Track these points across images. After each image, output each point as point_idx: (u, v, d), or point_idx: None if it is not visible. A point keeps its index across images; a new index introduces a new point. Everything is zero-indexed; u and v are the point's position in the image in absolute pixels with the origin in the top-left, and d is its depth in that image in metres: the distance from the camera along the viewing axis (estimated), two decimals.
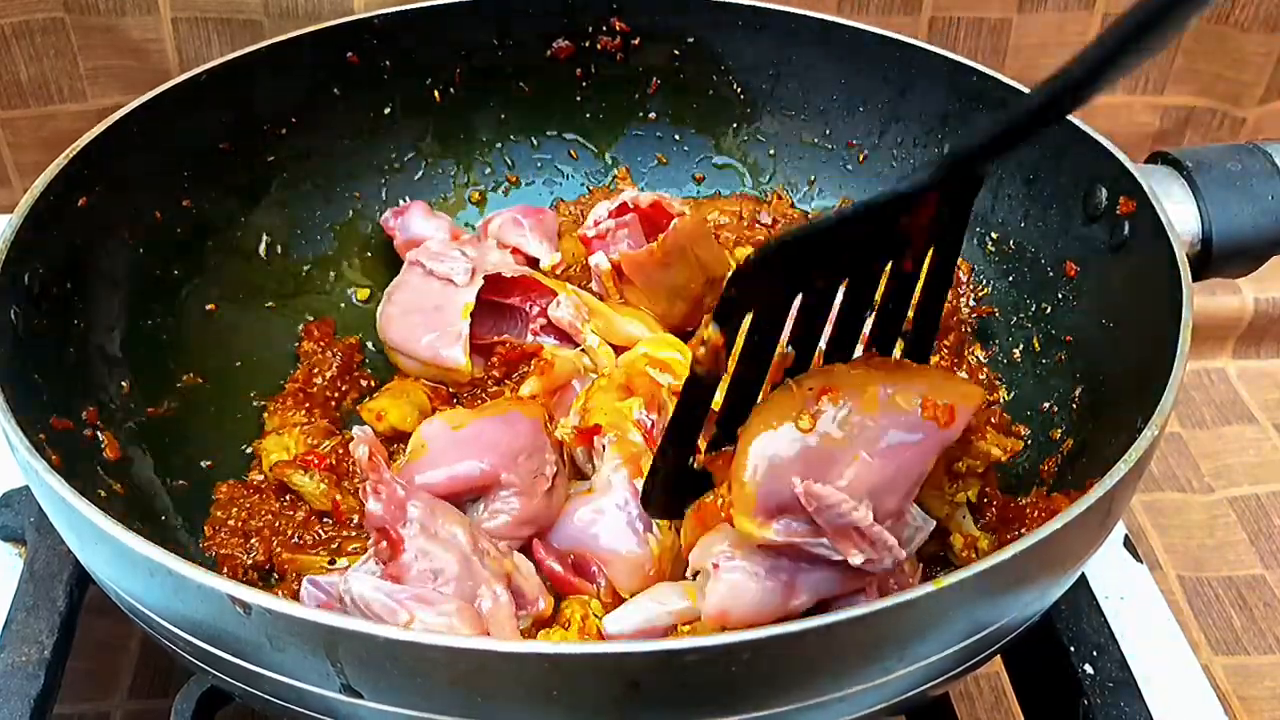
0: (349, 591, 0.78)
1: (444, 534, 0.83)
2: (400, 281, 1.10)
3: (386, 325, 1.08)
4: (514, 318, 1.10)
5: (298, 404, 1.06)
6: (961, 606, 0.67)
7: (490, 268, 1.07)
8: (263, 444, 1.03)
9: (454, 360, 1.03)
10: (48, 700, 0.88)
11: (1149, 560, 1.21)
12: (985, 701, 1.14)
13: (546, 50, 1.20)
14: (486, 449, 0.90)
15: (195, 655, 0.73)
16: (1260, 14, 1.33)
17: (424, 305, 1.06)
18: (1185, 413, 1.42)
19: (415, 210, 1.16)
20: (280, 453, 1.01)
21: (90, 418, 0.91)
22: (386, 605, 0.78)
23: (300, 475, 0.97)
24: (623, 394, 0.96)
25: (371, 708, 0.67)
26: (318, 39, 1.11)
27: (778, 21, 1.16)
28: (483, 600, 0.82)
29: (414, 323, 1.06)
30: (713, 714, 0.66)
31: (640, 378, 0.98)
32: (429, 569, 0.81)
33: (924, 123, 1.13)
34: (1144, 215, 0.92)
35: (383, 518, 0.81)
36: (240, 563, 0.94)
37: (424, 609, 0.78)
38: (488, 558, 0.85)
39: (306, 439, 1.02)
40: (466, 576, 0.82)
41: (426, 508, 0.84)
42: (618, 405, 0.95)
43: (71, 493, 0.70)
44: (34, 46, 1.28)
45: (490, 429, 0.91)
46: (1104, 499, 0.70)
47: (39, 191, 0.90)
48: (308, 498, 0.97)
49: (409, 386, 1.06)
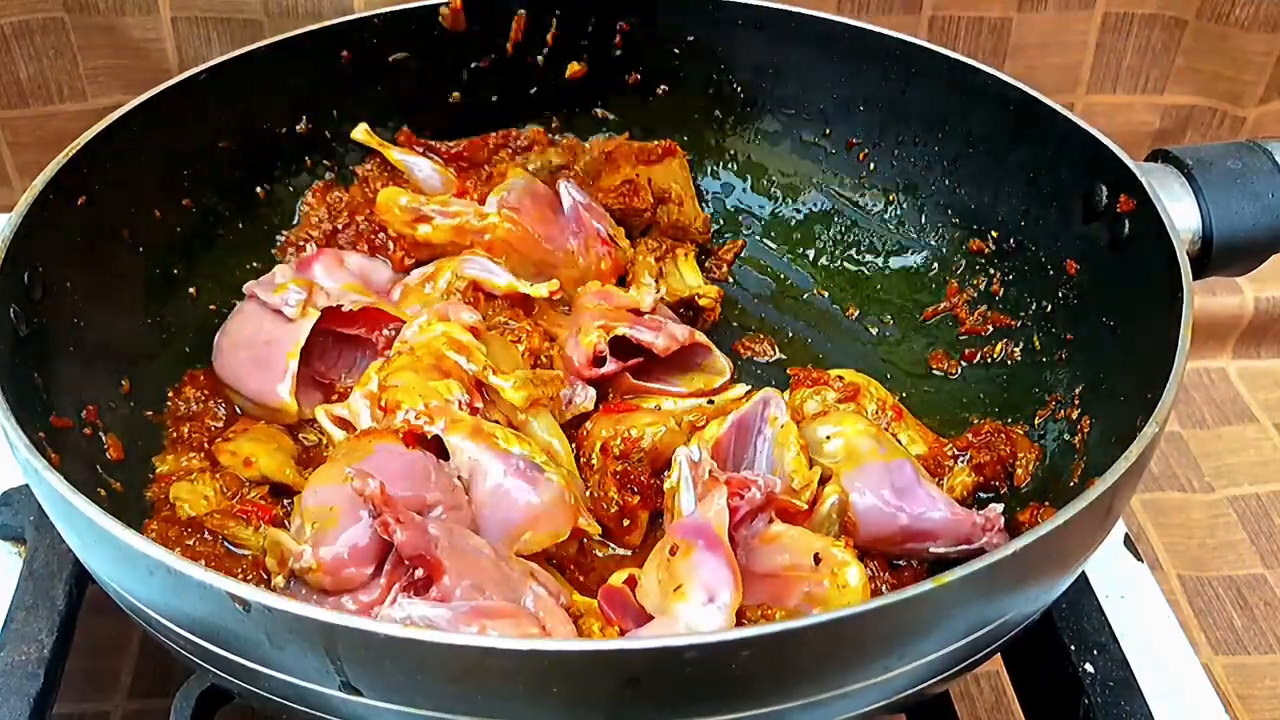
0: (407, 619, 0.76)
1: (469, 549, 0.82)
2: (237, 311, 1.05)
3: (217, 358, 1.03)
4: (362, 347, 1.05)
5: (191, 447, 0.99)
6: (962, 604, 0.67)
7: (327, 300, 1.01)
8: (172, 490, 0.94)
9: (277, 399, 0.98)
10: (47, 699, 0.88)
11: (1149, 560, 1.21)
12: (985, 701, 1.14)
13: (546, 49, 1.20)
14: (394, 479, 0.83)
15: (195, 653, 0.73)
16: (1260, 13, 1.33)
17: (255, 339, 1.01)
18: (1185, 412, 1.41)
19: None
20: (198, 501, 0.93)
21: (90, 417, 0.91)
22: (453, 622, 0.75)
23: (241, 528, 0.91)
24: (434, 374, 0.93)
25: (371, 705, 0.67)
26: (318, 38, 1.11)
27: (777, 20, 1.16)
28: (527, 599, 0.80)
29: (241, 359, 1.01)
30: (712, 711, 0.66)
31: (445, 361, 0.95)
32: (472, 584, 0.79)
33: (924, 121, 1.13)
34: (1144, 213, 0.92)
35: (416, 545, 0.79)
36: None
37: (490, 620, 0.76)
38: (511, 562, 0.84)
39: (221, 488, 0.94)
40: (504, 581, 0.81)
41: (444, 527, 0.82)
42: (433, 385, 0.92)
43: (71, 491, 0.70)
44: (34, 46, 1.28)
45: (376, 464, 0.85)
46: (1104, 497, 0.70)
47: (38, 190, 0.90)
48: (249, 549, 0.90)
49: (271, 431, 0.99)
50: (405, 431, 0.89)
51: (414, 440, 0.89)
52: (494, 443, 0.89)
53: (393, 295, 1.09)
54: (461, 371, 0.95)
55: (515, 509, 0.87)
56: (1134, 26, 1.37)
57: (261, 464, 0.95)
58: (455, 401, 0.92)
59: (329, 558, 0.81)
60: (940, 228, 1.15)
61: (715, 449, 0.94)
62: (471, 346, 0.97)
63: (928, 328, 1.14)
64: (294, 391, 0.98)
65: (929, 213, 1.16)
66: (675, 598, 0.78)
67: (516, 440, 0.91)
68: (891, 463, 0.92)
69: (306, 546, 0.81)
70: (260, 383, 0.99)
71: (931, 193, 1.15)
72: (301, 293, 1.01)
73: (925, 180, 1.15)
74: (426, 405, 0.90)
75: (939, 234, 1.15)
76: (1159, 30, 1.37)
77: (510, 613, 0.78)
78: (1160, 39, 1.38)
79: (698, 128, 1.25)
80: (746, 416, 0.96)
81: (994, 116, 1.07)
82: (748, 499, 0.85)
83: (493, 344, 1.01)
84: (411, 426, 0.89)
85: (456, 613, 0.76)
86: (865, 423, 0.97)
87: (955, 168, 1.13)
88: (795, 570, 0.83)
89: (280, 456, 0.97)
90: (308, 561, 0.81)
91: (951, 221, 1.14)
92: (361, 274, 1.10)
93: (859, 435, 0.95)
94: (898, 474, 0.92)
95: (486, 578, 0.80)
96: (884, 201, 1.19)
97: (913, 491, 0.91)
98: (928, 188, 1.15)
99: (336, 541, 0.81)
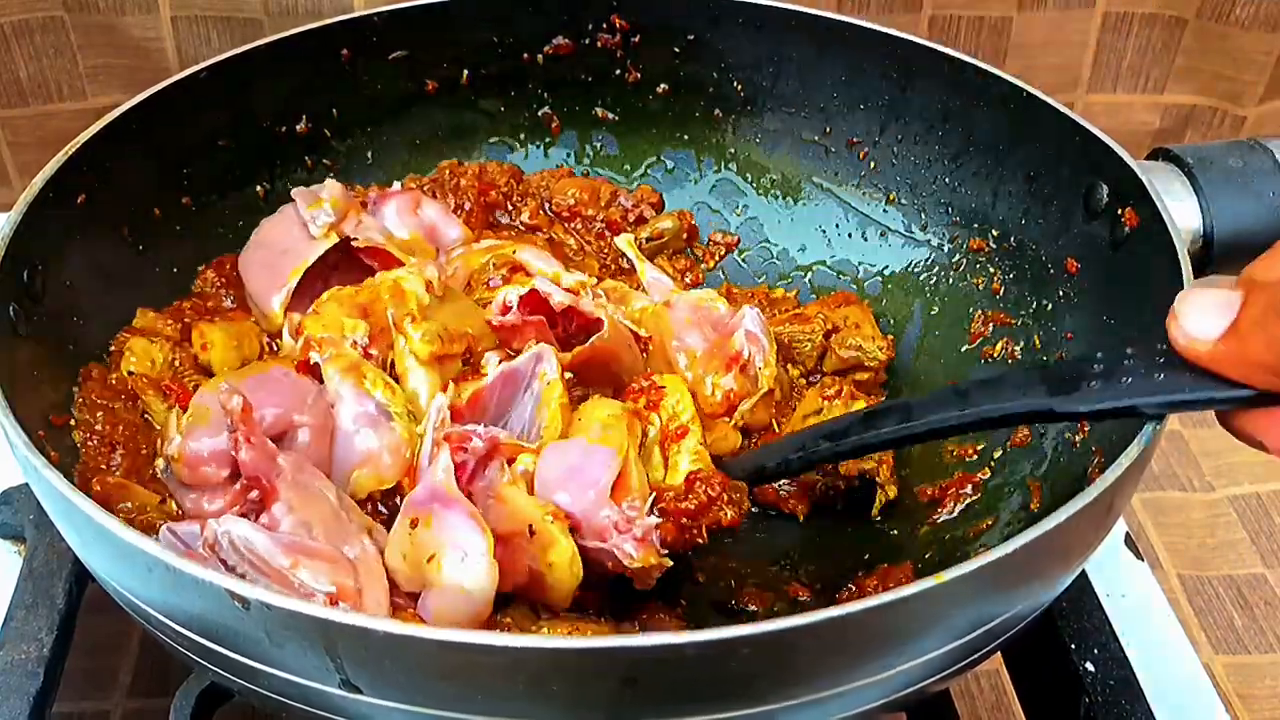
0: (228, 534, 0.78)
1: (313, 487, 0.85)
2: (279, 211, 1.09)
3: (245, 251, 1.07)
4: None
5: (175, 316, 1.03)
6: (962, 602, 0.67)
7: (354, 231, 1.05)
8: (129, 341, 0.98)
9: (269, 307, 1.02)
10: (47, 698, 0.88)
11: (1150, 559, 1.20)
12: (986, 700, 1.14)
13: (546, 48, 1.20)
14: (272, 397, 0.89)
15: (194, 651, 0.73)
16: (1260, 13, 1.33)
17: (276, 244, 1.05)
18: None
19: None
20: (145, 361, 0.97)
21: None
22: (269, 548, 0.78)
23: (157, 400, 0.94)
24: (356, 313, 0.97)
25: (371, 703, 0.67)
26: (318, 36, 1.11)
27: (778, 19, 1.15)
28: (351, 549, 0.83)
29: (257, 257, 1.05)
30: (712, 710, 0.66)
31: (377, 304, 0.98)
32: (301, 520, 0.82)
33: (925, 120, 1.13)
34: (1145, 212, 0.92)
35: (256, 466, 0.83)
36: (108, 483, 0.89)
37: (306, 558, 0.78)
38: (352, 512, 0.86)
39: (173, 360, 0.98)
40: (336, 527, 0.83)
41: (295, 461, 0.85)
42: (342, 320, 0.96)
43: (70, 489, 0.70)
44: (33, 45, 1.28)
45: (264, 382, 0.91)
46: (1105, 495, 0.70)
47: (38, 189, 0.90)
48: (157, 423, 0.94)
49: (248, 331, 1.03)
50: (299, 361, 0.94)
51: (304, 369, 0.94)
52: (360, 383, 0.92)
53: (453, 254, 1.12)
54: (385, 318, 0.97)
55: (353, 448, 0.90)
56: (1134, 26, 1.37)
57: (214, 353, 0.99)
58: (350, 340, 0.95)
59: (189, 452, 0.86)
60: (941, 226, 1.15)
61: (475, 399, 0.93)
62: (410, 294, 0.98)
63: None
64: (285, 305, 1.02)
65: (929, 211, 1.16)
66: (432, 568, 0.81)
67: (384, 387, 0.92)
68: (593, 446, 0.89)
69: (178, 436, 0.86)
70: (262, 285, 1.03)
71: (932, 191, 1.15)
72: (331, 215, 1.04)
73: (926, 179, 1.15)
74: (323, 335, 0.94)
75: (939, 232, 1.15)
76: (1159, 29, 1.37)
77: (329, 557, 0.80)
78: (1160, 38, 1.38)
79: (698, 127, 1.25)
80: (518, 370, 0.95)
81: (994, 115, 1.07)
82: (471, 449, 0.85)
83: (453, 302, 1.01)
84: (303, 352, 0.94)
85: (276, 541, 0.78)
86: (615, 408, 0.93)
87: (956, 167, 1.13)
88: (519, 538, 0.83)
89: (234, 353, 1.00)
90: (173, 450, 0.86)
91: (952, 220, 1.14)
92: (432, 225, 1.13)
93: (594, 411, 0.93)
94: (587, 457, 0.88)
95: (318, 518, 0.83)
96: (884, 200, 1.19)
97: (583, 477, 0.87)
98: (928, 186, 1.15)
99: (201, 439, 0.86)
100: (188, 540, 0.81)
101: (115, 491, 0.87)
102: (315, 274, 1.05)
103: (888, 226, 1.19)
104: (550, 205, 1.21)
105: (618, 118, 1.25)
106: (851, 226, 1.21)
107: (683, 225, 1.22)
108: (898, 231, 1.18)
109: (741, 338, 1.03)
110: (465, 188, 1.18)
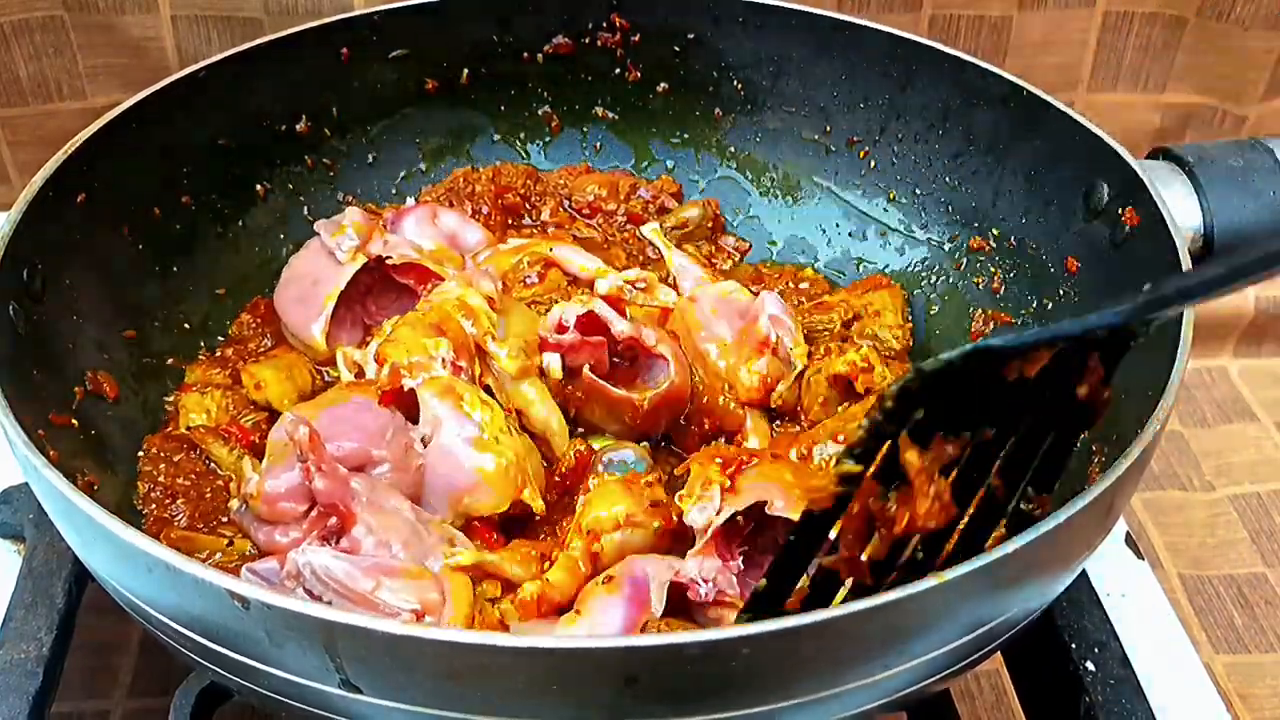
0: (309, 564, 0.79)
1: (389, 506, 0.85)
2: (305, 246, 1.10)
3: (277, 289, 1.09)
4: (413, 297, 1.08)
5: (221, 364, 1.05)
6: (963, 602, 0.67)
7: (382, 250, 1.05)
8: (182, 399, 1.01)
9: (310, 336, 1.04)
10: (46, 698, 0.88)
11: (1150, 558, 1.20)
12: (986, 699, 1.14)
13: (546, 47, 1.20)
14: (350, 431, 0.90)
15: (194, 651, 0.73)
16: (1261, 12, 1.33)
17: (306, 276, 1.06)
18: (1186, 411, 1.41)
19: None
20: (200, 414, 0.99)
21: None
22: (350, 573, 0.78)
23: (219, 446, 0.96)
24: (432, 333, 0.96)
25: (371, 703, 0.67)
26: (318, 35, 1.11)
27: (778, 18, 1.16)
28: (434, 562, 0.83)
29: (291, 293, 1.07)
30: (712, 709, 0.66)
31: (449, 322, 0.98)
32: (382, 539, 0.83)
33: (925, 119, 1.13)
34: (1146, 211, 0.92)
35: (331, 494, 0.83)
36: (172, 539, 0.91)
37: (388, 577, 0.79)
38: (431, 525, 0.87)
39: (228, 405, 1.00)
40: (417, 543, 0.84)
41: (369, 483, 0.86)
42: (424, 342, 0.95)
43: (70, 489, 0.70)
44: (33, 44, 1.28)
45: (343, 414, 0.91)
46: (1105, 495, 0.70)
47: (38, 188, 0.90)
48: (222, 468, 0.96)
49: (295, 362, 1.04)
50: (384, 390, 0.93)
51: (390, 399, 0.93)
52: (459, 404, 0.92)
53: (480, 258, 1.12)
54: (463, 334, 0.97)
55: (461, 472, 0.90)
56: (1134, 25, 1.37)
57: (269, 390, 1.00)
58: (439, 360, 0.95)
59: (268, 489, 0.86)
60: (941, 225, 1.15)
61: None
62: (479, 311, 0.99)
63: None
64: (326, 332, 1.03)
65: (930, 210, 1.16)
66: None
67: (482, 406, 0.92)
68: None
69: (255, 475, 0.87)
70: (299, 318, 1.05)
71: (932, 190, 1.15)
72: (355, 239, 1.05)
73: (926, 178, 1.15)
74: (410, 360, 0.94)
75: (940, 232, 1.15)
76: (1160, 29, 1.37)
77: (411, 573, 0.80)
78: (1161, 37, 1.38)
79: (698, 126, 1.25)
80: None
81: (995, 114, 1.07)
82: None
83: (515, 313, 1.02)
84: (391, 381, 0.93)
85: (356, 565, 0.79)
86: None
87: (956, 165, 1.13)
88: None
89: (288, 387, 1.01)
90: (251, 489, 0.86)
91: (952, 219, 1.14)
92: (452, 233, 1.14)
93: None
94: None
95: (398, 536, 0.84)
96: (885, 199, 1.19)
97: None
98: (928, 185, 1.15)
99: (280, 476, 0.86)
100: (268, 577, 0.83)
101: (181, 544, 0.89)
102: (352, 299, 1.07)
103: (888, 225, 1.19)
104: (570, 202, 1.21)
105: (618, 117, 1.25)
106: (852, 225, 1.21)
107: (709, 212, 1.22)
108: (898, 230, 1.18)
109: (766, 322, 1.03)
110: (480, 193, 1.18)
